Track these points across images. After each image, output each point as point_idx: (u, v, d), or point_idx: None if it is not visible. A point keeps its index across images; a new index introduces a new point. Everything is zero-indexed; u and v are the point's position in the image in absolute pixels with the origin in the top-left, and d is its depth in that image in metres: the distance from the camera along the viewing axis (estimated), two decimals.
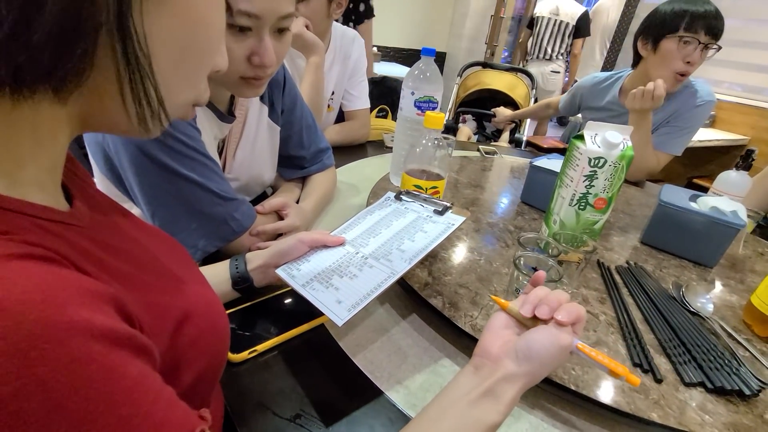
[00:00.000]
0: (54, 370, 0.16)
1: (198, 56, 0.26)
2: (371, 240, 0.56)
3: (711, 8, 1.06)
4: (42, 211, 0.22)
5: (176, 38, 0.23)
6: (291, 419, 0.41)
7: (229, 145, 0.73)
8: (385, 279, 0.48)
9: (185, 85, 0.26)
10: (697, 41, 1.07)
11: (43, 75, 0.19)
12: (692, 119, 1.17)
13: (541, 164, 0.86)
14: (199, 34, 0.25)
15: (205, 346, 0.29)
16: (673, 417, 0.42)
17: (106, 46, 0.20)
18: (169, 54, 0.23)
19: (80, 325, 0.18)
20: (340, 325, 0.43)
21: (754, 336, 0.56)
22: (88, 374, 0.17)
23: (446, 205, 0.60)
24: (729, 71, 2.46)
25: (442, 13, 3.43)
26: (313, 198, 0.80)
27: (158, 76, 0.23)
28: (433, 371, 0.49)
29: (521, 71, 2.13)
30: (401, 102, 0.85)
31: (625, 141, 0.61)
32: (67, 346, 0.17)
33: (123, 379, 0.19)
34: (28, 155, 0.23)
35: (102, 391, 0.18)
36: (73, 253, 0.22)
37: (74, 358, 0.17)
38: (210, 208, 0.60)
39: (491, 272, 0.63)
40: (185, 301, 0.28)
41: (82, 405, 0.17)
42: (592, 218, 0.66)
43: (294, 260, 0.54)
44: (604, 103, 1.34)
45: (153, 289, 0.27)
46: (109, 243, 0.26)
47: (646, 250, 0.77)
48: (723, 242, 0.72)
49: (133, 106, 0.22)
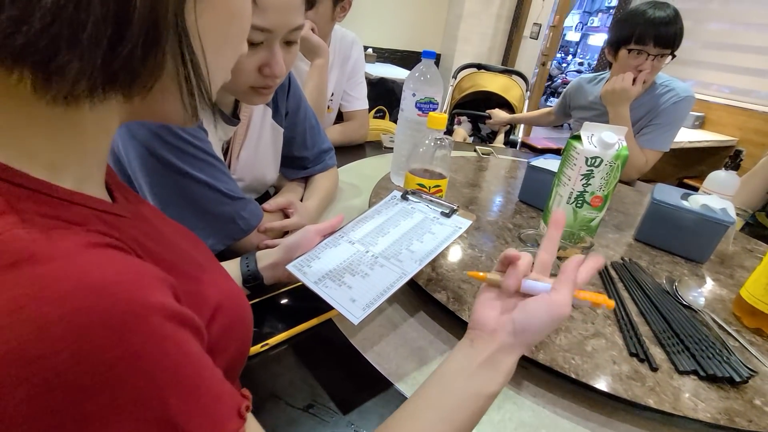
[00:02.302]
0: (142, 343, 0.19)
1: (234, 45, 0.28)
2: (380, 239, 0.57)
3: (664, 14, 1.10)
4: (100, 204, 0.24)
5: (218, 30, 0.25)
6: (304, 409, 0.43)
7: (234, 146, 0.74)
8: (397, 279, 0.49)
9: (222, 72, 0.28)
10: (646, 53, 1.12)
11: (131, 81, 0.21)
12: (673, 115, 1.21)
13: (538, 164, 0.89)
14: (235, 25, 0.27)
15: (234, 335, 0.31)
16: (668, 402, 0.44)
17: (170, 46, 0.22)
18: (212, 46, 0.25)
19: (157, 305, 0.20)
20: (356, 324, 0.44)
21: (743, 327, 0.59)
22: (164, 348, 0.20)
23: (453, 208, 0.60)
24: (718, 74, 2.52)
25: (436, 14, 3.45)
26: (316, 197, 0.81)
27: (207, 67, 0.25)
28: (440, 363, 0.50)
29: (516, 73, 2.16)
30: (402, 103, 0.87)
31: (620, 141, 0.64)
32: (150, 323, 0.19)
33: (189, 355, 0.21)
34: (90, 152, 0.24)
35: (175, 362, 0.20)
36: (131, 242, 0.23)
37: (154, 333, 0.19)
38: (218, 207, 0.61)
39: (492, 268, 0.65)
40: (216, 291, 0.30)
41: (163, 374, 0.19)
42: (589, 215, 0.68)
43: (305, 257, 0.55)
44: (589, 102, 1.39)
45: (191, 279, 0.28)
46: (150, 234, 0.28)
47: (639, 247, 0.80)
48: (713, 239, 0.75)
49: (188, 98, 0.24)
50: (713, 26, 2.51)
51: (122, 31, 0.19)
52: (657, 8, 1.11)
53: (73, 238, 0.20)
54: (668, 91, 1.22)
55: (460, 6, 3.27)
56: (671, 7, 1.12)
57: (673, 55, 1.14)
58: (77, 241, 0.20)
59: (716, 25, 2.49)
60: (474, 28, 3.36)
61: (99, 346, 0.17)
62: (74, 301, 0.17)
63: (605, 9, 6.06)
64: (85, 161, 0.24)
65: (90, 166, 0.25)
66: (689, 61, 2.59)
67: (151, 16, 0.20)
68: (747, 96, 2.40)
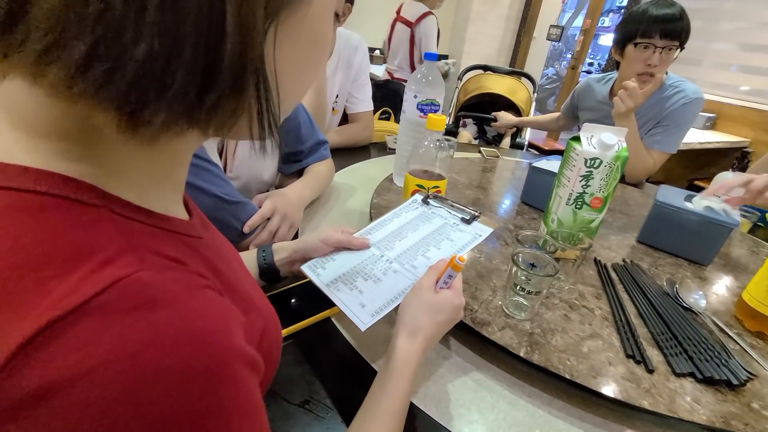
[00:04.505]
0: (226, 393, 0.20)
1: (312, 70, 0.27)
2: (397, 243, 0.56)
3: (671, 11, 1.10)
4: (185, 228, 0.26)
5: (296, 60, 0.25)
6: (300, 404, 0.44)
7: (229, 144, 0.75)
8: (409, 286, 0.49)
9: (295, 99, 0.28)
10: (653, 46, 1.12)
11: (217, 124, 0.21)
12: (681, 116, 1.20)
13: (541, 165, 0.89)
14: (314, 52, 0.26)
15: (273, 358, 0.31)
16: (663, 404, 0.44)
17: (252, 87, 0.22)
18: (288, 77, 0.25)
19: (239, 352, 0.22)
20: (363, 330, 0.45)
21: (744, 330, 0.58)
22: (242, 394, 0.21)
23: (474, 214, 0.59)
24: (730, 74, 2.47)
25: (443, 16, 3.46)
26: (301, 182, 0.81)
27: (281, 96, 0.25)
28: (435, 361, 0.51)
29: (523, 75, 2.12)
30: (404, 105, 0.88)
31: (620, 142, 0.63)
32: (234, 371, 0.21)
33: (256, 402, 0.23)
34: (178, 174, 0.26)
35: (247, 409, 0.22)
36: (210, 273, 0.25)
37: (236, 382, 0.21)
38: (215, 212, 0.62)
39: (490, 269, 0.66)
40: (260, 314, 0.30)
41: (240, 422, 0.21)
42: (588, 217, 0.68)
43: (320, 258, 0.55)
44: (596, 103, 1.38)
45: (245, 302, 0.28)
46: (216, 250, 0.29)
47: (642, 249, 0.79)
48: (717, 241, 0.74)
49: (258, 129, 0.23)
50: (725, 26, 2.47)
51: (211, 81, 0.19)
52: (661, 6, 1.11)
53: (180, 282, 0.21)
54: (677, 93, 1.20)
55: (468, 7, 3.27)
56: (677, 5, 1.11)
57: (681, 48, 1.13)
58: (184, 284, 0.21)
59: (729, 25, 2.45)
60: (481, 30, 3.36)
61: (195, 396, 0.19)
62: (182, 351, 0.19)
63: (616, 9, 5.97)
64: (173, 184, 0.26)
65: (173, 187, 0.27)
66: (701, 61, 2.55)
67: (240, 63, 0.20)
68: (760, 96, 2.35)
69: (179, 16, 0.17)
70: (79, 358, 0.17)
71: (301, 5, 0.22)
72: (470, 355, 0.53)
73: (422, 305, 0.44)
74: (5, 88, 0.21)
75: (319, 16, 0.25)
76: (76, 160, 0.21)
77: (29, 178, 0.20)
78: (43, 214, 0.19)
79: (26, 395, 0.16)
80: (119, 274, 0.19)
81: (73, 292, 0.17)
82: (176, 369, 0.18)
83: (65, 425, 0.16)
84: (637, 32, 1.13)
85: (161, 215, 0.24)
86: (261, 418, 0.23)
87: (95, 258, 0.19)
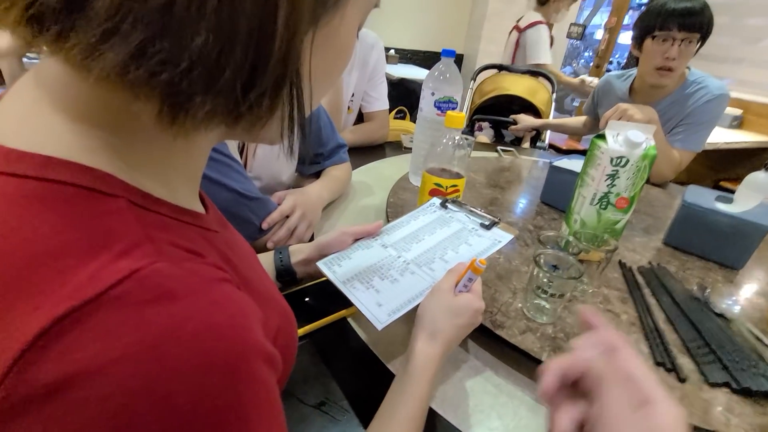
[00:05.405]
0: (245, 389, 0.20)
1: (335, 76, 0.28)
2: (414, 245, 0.55)
3: (691, 4, 1.06)
4: (202, 221, 0.26)
5: (326, 67, 0.26)
6: (316, 406, 0.43)
7: (250, 144, 0.75)
8: (426, 288, 0.48)
9: (317, 102, 0.28)
10: (671, 38, 1.09)
11: (252, 120, 0.21)
12: (706, 114, 1.16)
13: (561, 164, 0.86)
14: (341, 59, 0.27)
15: (289, 356, 0.31)
16: (697, 416, 0.42)
17: (288, 87, 0.22)
18: (318, 82, 0.25)
19: (259, 347, 0.21)
20: (379, 329, 0.44)
21: None
22: (261, 391, 0.21)
23: (494, 220, 0.58)
24: (757, 71, 2.38)
25: (459, 15, 3.42)
26: (319, 183, 0.81)
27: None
28: (453, 365, 0.49)
29: (541, 74, 1.97)
30: (421, 102, 0.87)
31: (648, 140, 0.61)
32: (252, 367, 0.20)
33: (274, 399, 0.23)
34: (196, 168, 0.26)
35: (265, 405, 0.21)
36: (228, 267, 0.24)
37: (255, 378, 0.20)
38: (234, 207, 0.62)
39: (510, 270, 0.64)
40: (276, 311, 0.30)
41: (258, 418, 0.20)
42: (613, 218, 0.65)
43: (336, 255, 0.54)
44: (616, 99, 1.34)
45: (261, 297, 0.28)
46: (231, 245, 0.29)
47: (669, 252, 0.76)
48: (751, 243, 0.70)
49: (288, 131, 0.24)
50: (752, 21, 2.38)
51: (256, 78, 0.20)
52: (676, 0, 1.07)
53: (198, 273, 0.21)
54: (700, 89, 1.16)
55: (484, 5, 3.23)
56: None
57: (703, 41, 1.09)
58: (202, 276, 0.21)
59: (755, 20, 2.36)
60: (498, 27, 3.31)
61: (215, 391, 0.18)
62: (202, 345, 0.18)
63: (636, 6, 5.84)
64: (193, 177, 0.26)
65: (194, 181, 0.27)
66: (727, 58, 2.46)
67: (284, 62, 0.20)
68: None
69: (236, 12, 0.18)
70: (96, 351, 0.16)
71: (335, 15, 0.24)
72: (490, 359, 0.51)
73: (442, 308, 0.43)
74: (53, 71, 0.21)
75: (348, 28, 0.26)
76: (101, 150, 0.21)
77: (51, 167, 0.19)
78: (61, 203, 0.19)
79: (42, 387, 0.16)
80: (137, 265, 0.18)
81: (89, 282, 0.17)
82: (196, 363, 0.18)
83: (80, 420, 0.16)
84: (656, 25, 1.10)
85: (179, 207, 0.24)
86: (279, 415, 0.23)
87: (113, 248, 0.18)
